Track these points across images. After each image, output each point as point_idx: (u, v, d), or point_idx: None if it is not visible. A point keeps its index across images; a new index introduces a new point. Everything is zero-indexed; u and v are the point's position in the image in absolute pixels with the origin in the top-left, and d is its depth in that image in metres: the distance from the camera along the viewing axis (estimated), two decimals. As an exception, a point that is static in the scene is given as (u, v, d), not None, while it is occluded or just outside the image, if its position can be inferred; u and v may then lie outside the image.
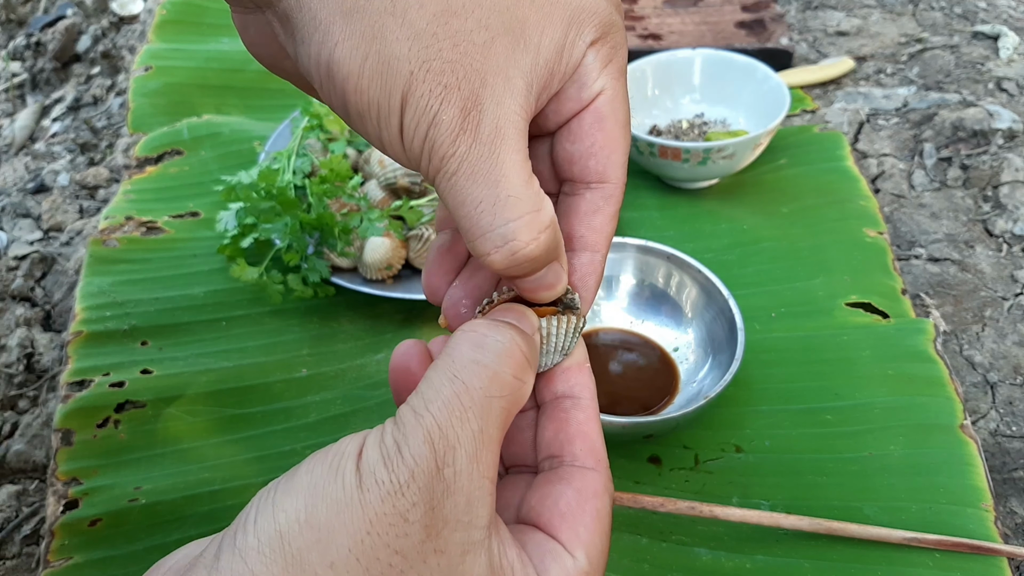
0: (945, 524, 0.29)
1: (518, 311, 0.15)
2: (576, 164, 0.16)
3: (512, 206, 0.14)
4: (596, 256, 0.16)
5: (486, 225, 0.14)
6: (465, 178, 0.13)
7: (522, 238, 0.14)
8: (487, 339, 0.13)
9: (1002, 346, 0.39)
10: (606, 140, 0.15)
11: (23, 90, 0.63)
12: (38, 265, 0.46)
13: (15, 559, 0.33)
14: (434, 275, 0.17)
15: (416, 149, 0.14)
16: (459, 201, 0.14)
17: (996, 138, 0.49)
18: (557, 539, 0.14)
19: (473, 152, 0.13)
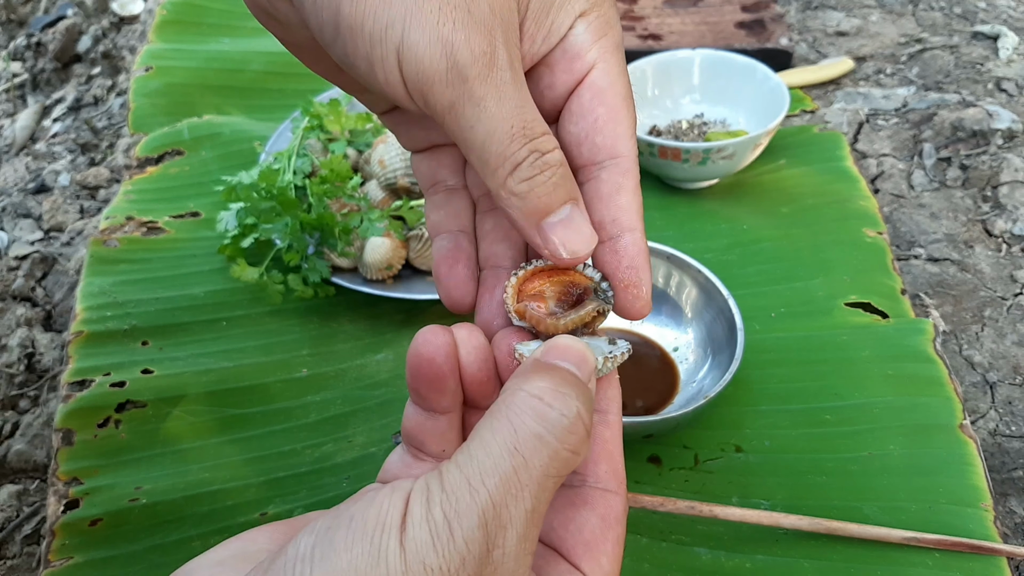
0: (945, 524, 0.29)
1: (578, 353, 0.14)
2: (584, 144, 0.15)
3: (535, 127, 0.14)
4: (635, 235, 0.15)
5: (518, 144, 0.13)
6: (496, 102, 0.13)
7: (542, 148, 0.13)
8: (551, 413, 0.12)
9: (1001, 346, 0.39)
10: (609, 114, 0.15)
11: (24, 90, 0.63)
12: (39, 265, 0.46)
13: (16, 559, 0.33)
14: (455, 288, 0.16)
15: (427, 71, 0.13)
16: (490, 128, 0.13)
17: (995, 138, 0.49)
18: (580, 569, 0.14)
19: (497, 77, 0.13)
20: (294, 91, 0.52)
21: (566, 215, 0.14)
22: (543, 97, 0.15)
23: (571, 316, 0.15)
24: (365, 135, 0.44)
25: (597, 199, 0.15)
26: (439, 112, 0.14)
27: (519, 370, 0.13)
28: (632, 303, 0.15)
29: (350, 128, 0.43)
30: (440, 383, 0.14)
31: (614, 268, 0.15)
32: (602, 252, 0.15)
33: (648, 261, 0.15)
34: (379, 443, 0.34)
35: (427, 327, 0.15)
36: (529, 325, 0.15)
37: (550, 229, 0.14)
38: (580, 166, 0.15)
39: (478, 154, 0.14)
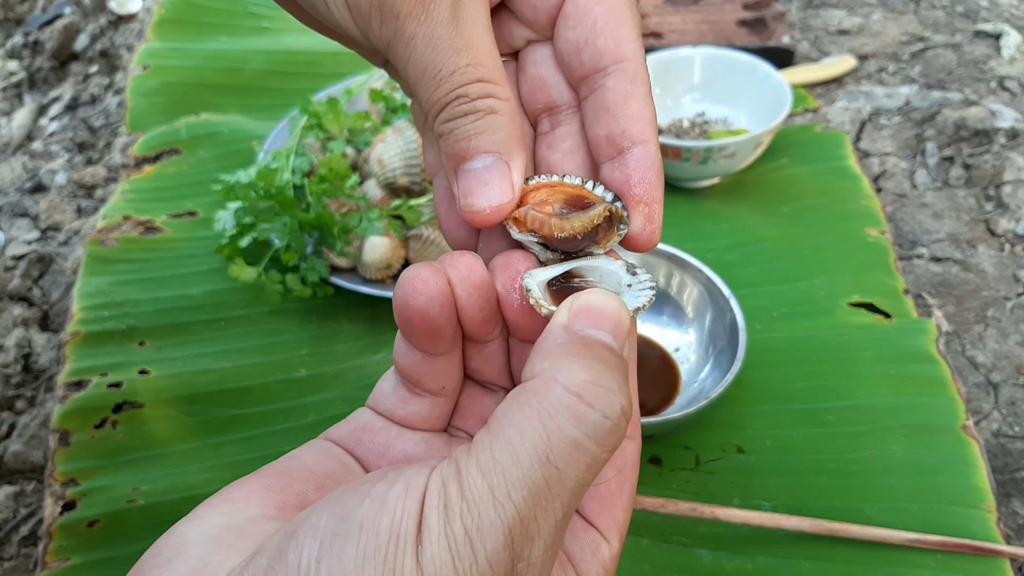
0: (947, 525, 0.29)
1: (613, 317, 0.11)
2: (585, 50, 0.13)
3: (470, 73, 0.12)
4: (648, 147, 0.13)
5: (445, 90, 0.12)
6: (425, 43, 0.12)
7: (472, 94, 0.12)
8: (592, 415, 0.10)
9: (1004, 346, 0.38)
10: (609, 13, 0.13)
11: (20, 89, 0.63)
12: (36, 265, 0.46)
13: (13, 560, 0.33)
14: (457, 227, 0.15)
15: (363, 8, 0.12)
16: (419, 71, 0.12)
17: (998, 137, 0.49)
18: (595, 526, 0.13)
19: (433, 14, 0.12)
20: (293, 90, 0.52)
21: (483, 165, 0.13)
22: (536, 8, 0.14)
23: (580, 218, 0.13)
24: (364, 134, 0.43)
25: (603, 110, 0.14)
26: (381, 50, 0.13)
27: (546, 344, 0.11)
28: (643, 223, 0.13)
29: (349, 127, 0.43)
30: (436, 335, 0.13)
31: (623, 183, 0.14)
32: (611, 168, 0.14)
33: (661, 178, 0.14)
34: (378, 444, 0.33)
35: (414, 267, 0.13)
36: (530, 235, 0.13)
37: (460, 175, 0.13)
38: (583, 76, 0.14)
39: (413, 96, 0.13)
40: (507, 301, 0.13)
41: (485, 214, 0.13)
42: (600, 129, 0.14)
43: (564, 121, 0.15)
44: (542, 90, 0.15)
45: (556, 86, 0.14)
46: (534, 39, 0.15)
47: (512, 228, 0.14)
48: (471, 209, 0.13)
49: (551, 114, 0.15)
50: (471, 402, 0.15)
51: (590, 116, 0.14)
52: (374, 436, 0.14)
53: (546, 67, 0.14)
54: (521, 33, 0.15)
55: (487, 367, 0.14)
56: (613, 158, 0.14)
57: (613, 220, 0.13)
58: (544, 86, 0.15)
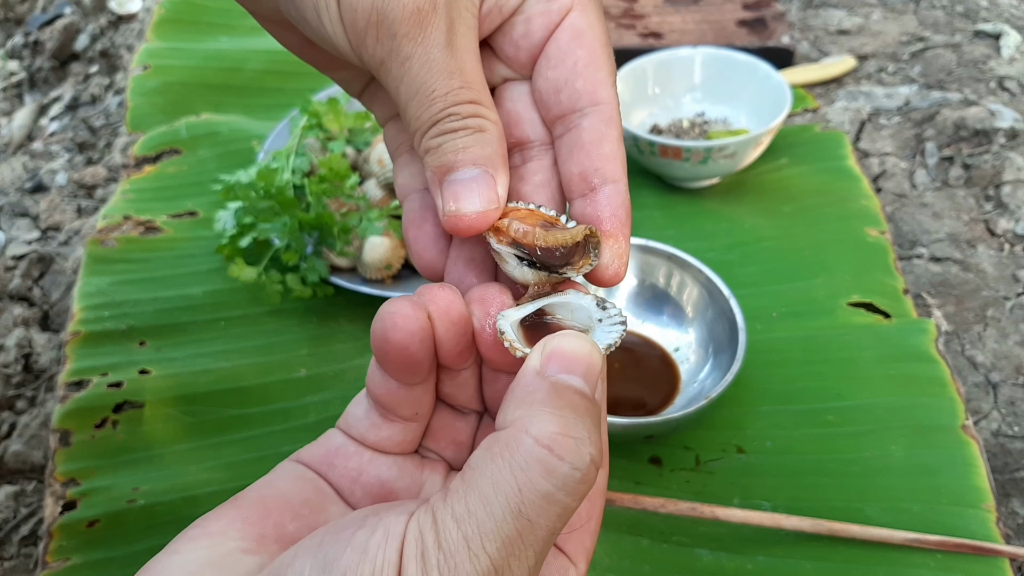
0: (947, 525, 0.29)
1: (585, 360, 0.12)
2: (564, 89, 0.14)
3: (463, 95, 0.13)
4: (619, 186, 0.14)
5: (437, 109, 0.13)
6: (420, 64, 0.12)
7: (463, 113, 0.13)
8: (562, 468, 0.11)
9: (1004, 346, 0.38)
10: (589, 57, 0.14)
11: (21, 89, 0.63)
12: (36, 265, 0.46)
13: (13, 560, 0.33)
14: (425, 250, 0.15)
15: (359, 25, 0.12)
16: (412, 91, 0.13)
17: (998, 137, 0.49)
18: (564, 551, 0.13)
19: (430, 37, 0.12)
20: (292, 90, 0.52)
21: (469, 176, 0.13)
22: (518, 48, 0.14)
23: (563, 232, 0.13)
24: (364, 134, 0.43)
25: (579, 148, 0.14)
26: (373, 68, 0.13)
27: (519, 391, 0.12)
28: (611, 259, 0.14)
29: (349, 127, 0.43)
30: (414, 367, 0.13)
31: (594, 219, 0.14)
32: (583, 205, 0.14)
33: (629, 215, 0.14)
34: (378, 444, 0.33)
35: (395, 302, 0.13)
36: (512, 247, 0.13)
37: (446, 185, 0.13)
38: (560, 115, 0.14)
39: (402, 114, 0.13)
40: (482, 337, 0.14)
41: (470, 219, 0.13)
42: (574, 166, 0.14)
43: (535, 157, 0.15)
44: (516, 125, 0.15)
45: (530, 122, 0.15)
46: (512, 78, 0.15)
47: (491, 238, 0.14)
48: (457, 214, 0.13)
49: (523, 149, 0.15)
50: (443, 425, 0.15)
51: (564, 153, 0.14)
52: (347, 461, 0.14)
53: (522, 104, 0.15)
54: (500, 71, 0.15)
55: (460, 392, 0.15)
56: (585, 195, 0.14)
57: (589, 245, 0.14)
58: (519, 121, 0.15)
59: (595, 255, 0.14)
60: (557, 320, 0.14)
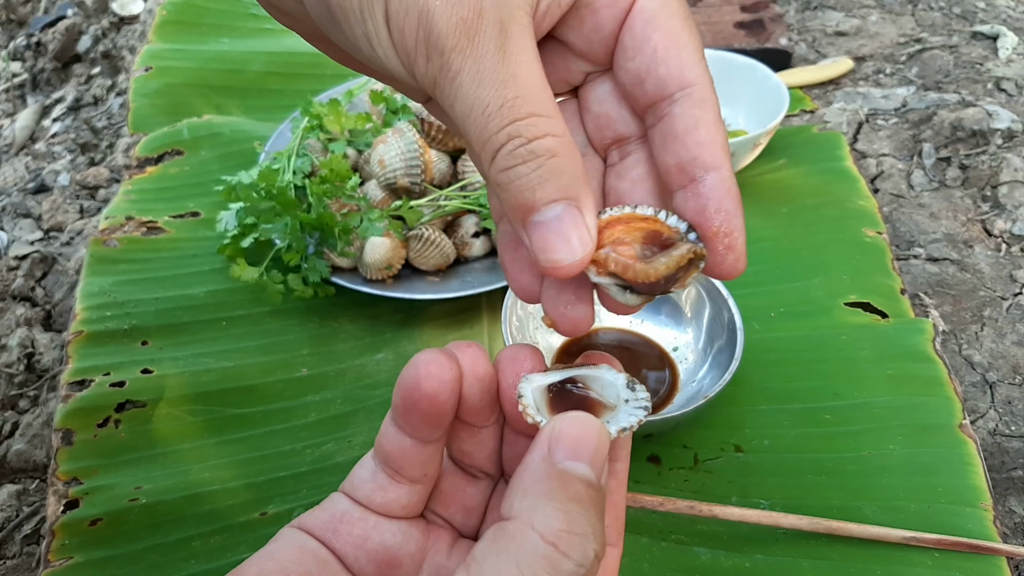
0: (944, 523, 0.29)
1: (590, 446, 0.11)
2: (647, 79, 0.13)
3: (519, 106, 0.12)
4: (721, 173, 0.13)
5: (494, 128, 0.12)
6: (471, 78, 0.12)
7: (527, 135, 0.12)
8: (566, 564, 0.11)
9: (1001, 346, 0.39)
10: (668, 39, 0.13)
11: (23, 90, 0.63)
12: (38, 265, 0.46)
13: (15, 559, 0.33)
14: (520, 273, 0.14)
15: (409, 45, 0.12)
16: (467, 107, 0.12)
17: (995, 138, 0.49)
18: None
19: (478, 47, 0.12)
20: (294, 91, 0.52)
21: (554, 215, 0.12)
22: (591, 41, 0.13)
23: (663, 259, 0.13)
24: (365, 135, 0.44)
25: (672, 138, 0.13)
26: (428, 90, 0.12)
27: (525, 480, 0.11)
28: (724, 255, 0.13)
29: (350, 128, 0.43)
30: (440, 419, 0.13)
31: (699, 214, 0.13)
32: (684, 197, 0.13)
33: (739, 204, 0.13)
34: (379, 443, 0.34)
35: (428, 352, 0.13)
36: (611, 278, 0.13)
37: (533, 227, 0.12)
38: (647, 105, 0.13)
39: (463, 136, 0.12)
40: (507, 395, 0.14)
41: (566, 268, 0.13)
42: (670, 157, 0.13)
43: (632, 151, 0.14)
44: (608, 126, 0.14)
45: (622, 120, 0.14)
46: (592, 71, 0.14)
47: (592, 272, 0.13)
48: (553, 265, 0.13)
49: (620, 145, 0.14)
50: (453, 489, 0.15)
51: (658, 144, 0.13)
52: (351, 527, 0.14)
53: (609, 103, 0.14)
54: (578, 67, 0.14)
55: (478, 450, 0.15)
56: (685, 187, 0.13)
57: (695, 260, 0.13)
58: (610, 122, 0.14)
59: (701, 263, 0.13)
60: (586, 391, 0.13)
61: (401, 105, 0.44)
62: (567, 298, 0.14)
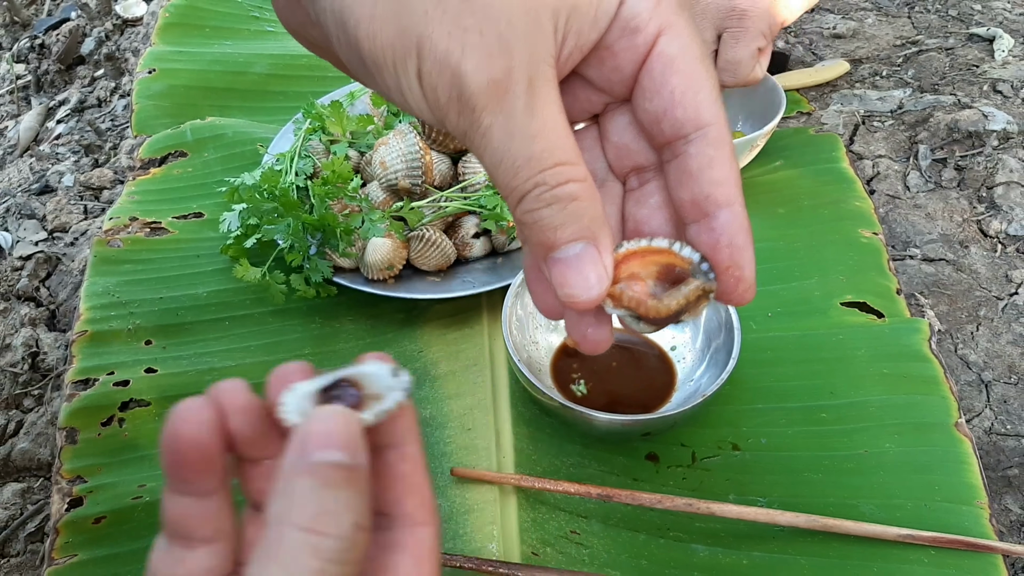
0: (940, 521, 0.29)
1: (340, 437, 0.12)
2: (664, 120, 0.14)
3: (546, 158, 0.13)
4: (733, 209, 0.14)
5: (523, 178, 0.13)
6: (500, 134, 0.12)
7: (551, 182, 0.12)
8: (327, 543, 0.11)
9: (996, 345, 0.39)
10: (685, 83, 0.13)
11: (28, 92, 0.64)
12: (43, 265, 0.47)
13: (19, 556, 0.34)
14: (545, 293, 0.15)
15: (442, 101, 0.12)
16: (496, 160, 0.13)
17: (991, 139, 0.49)
18: None
19: (507, 105, 0.12)
20: (296, 93, 0.52)
21: (573, 253, 0.13)
22: (611, 81, 0.14)
23: (675, 296, 0.14)
24: (367, 137, 0.44)
25: (686, 176, 0.14)
26: (458, 137, 0.13)
27: (279, 483, 0.12)
28: (734, 286, 0.14)
29: (352, 130, 0.44)
30: (210, 464, 0.13)
31: (712, 248, 0.14)
32: (698, 231, 0.14)
33: (750, 239, 0.14)
34: (380, 441, 0.34)
35: (182, 403, 0.13)
36: (626, 311, 0.14)
37: (553, 264, 0.13)
38: (663, 144, 0.14)
39: (492, 180, 0.13)
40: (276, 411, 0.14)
41: (583, 302, 0.13)
42: (684, 193, 0.14)
43: (651, 179, 0.15)
44: (627, 156, 0.15)
45: (640, 151, 0.15)
46: (612, 102, 0.15)
47: (608, 305, 0.14)
48: (571, 300, 0.13)
49: (639, 173, 0.15)
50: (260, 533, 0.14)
51: (674, 180, 0.14)
52: None
53: (628, 135, 0.15)
54: (599, 98, 0.15)
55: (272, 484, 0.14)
56: (699, 221, 0.14)
57: (704, 295, 0.14)
58: (629, 152, 0.15)
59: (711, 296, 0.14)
60: (357, 389, 0.13)
61: (402, 107, 0.44)
62: (588, 321, 0.15)
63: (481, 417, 0.34)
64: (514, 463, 0.32)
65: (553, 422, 0.34)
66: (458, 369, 0.36)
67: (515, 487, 0.31)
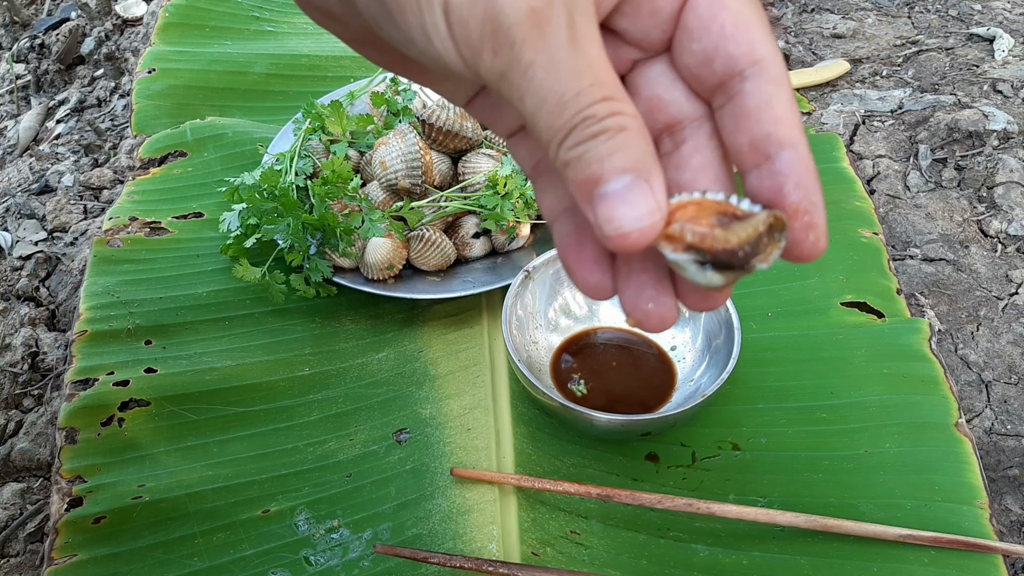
0: (940, 521, 0.29)
1: None
2: (716, 58, 0.12)
3: (594, 92, 0.11)
4: (798, 150, 0.12)
5: (571, 113, 0.11)
6: (545, 69, 0.11)
7: (600, 113, 0.11)
8: None
9: (996, 345, 0.39)
10: (736, 17, 0.12)
11: (27, 92, 0.63)
12: (43, 265, 0.47)
13: (19, 556, 0.34)
14: (589, 272, 0.13)
15: (473, 38, 0.11)
16: (539, 98, 0.11)
17: (991, 139, 0.49)
18: None
19: (550, 37, 0.11)
20: (296, 93, 0.52)
21: (622, 185, 0.12)
22: (647, 28, 0.13)
23: (743, 226, 0.12)
24: (366, 137, 0.44)
25: (744, 116, 0.12)
26: (492, 83, 0.12)
27: None
28: (804, 234, 0.12)
29: (351, 130, 0.44)
30: None
31: (776, 192, 0.12)
32: (759, 177, 0.12)
33: (818, 182, 0.12)
34: (380, 441, 0.34)
35: None
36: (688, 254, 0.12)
37: (599, 200, 0.12)
38: (715, 85, 0.13)
39: (531, 127, 0.12)
40: None
41: (635, 236, 0.12)
42: (742, 136, 0.12)
43: (689, 137, 0.14)
44: (660, 109, 0.14)
45: (675, 102, 0.13)
46: (640, 58, 0.14)
47: (665, 248, 0.12)
48: (619, 232, 0.12)
49: (672, 132, 0.14)
50: None
51: (729, 124, 0.13)
52: None
53: (661, 85, 0.13)
54: (627, 55, 0.14)
55: None
56: (759, 166, 0.12)
57: (775, 228, 0.12)
58: (661, 105, 0.14)
59: (782, 236, 0.12)
60: None
61: (402, 107, 0.44)
62: (648, 294, 0.13)
63: (481, 417, 0.34)
64: (514, 463, 0.32)
65: (553, 422, 0.34)
66: (458, 369, 0.36)
67: (515, 487, 0.31)
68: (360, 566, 0.29)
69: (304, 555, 0.30)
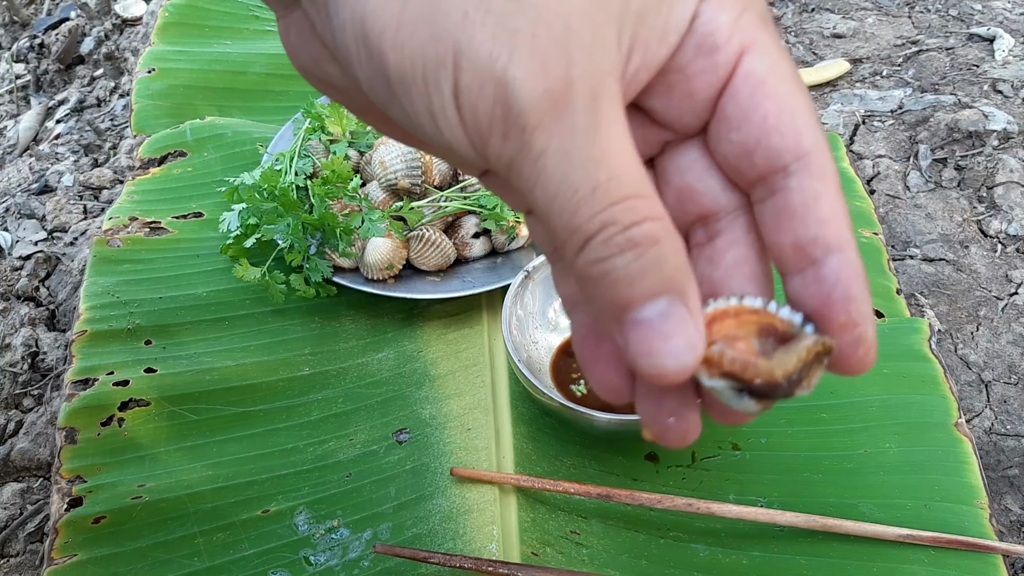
0: (940, 521, 0.29)
1: None
2: (757, 151, 0.11)
3: (614, 189, 0.10)
4: (847, 255, 0.11)
5: (586, 215, 0.10)
6: (557, 159, 0.10)
7: (623, 220, 0.10)
8: None
9: (996, 345, 0.39)
10: (780, 106, 0.11)
11: (27, 92, 0.63)
12: (42, 265, 0.47)
13: (19, 556, 0.34)
14: (606, 372, 0.12)
15: (483, 123, 0.10)
16: (551, 192, 0.10)
17: (991, 139, 0.49)
18: None
19: (566, 123, 0.10)
20: (296, 93, 0.52)
21: (657, 313, 0.10)
22: (680, 111, 0.11)
23: (791, 354, 0.10)
24: (366, 136, 0.44)
25: (788, 215, 0.11)
26: (502, 172, 0.10)
27: None
28: (853, 349, 0.11)
29: (351, 130, 0.44)
30: None
31: (823, 302, 0.11)
32: (803, 283, 0.11)
33: (867, 289, 0.11)
34: (380, 441, 0.34)
35: None
36: (726, 380, 0.11)
37: (631, 328, 0.10)
38: (755, 179, 0.11)
39: (545, 222, 0.10)
40: None
41: (674, 373, 0.10)
42: (785, 236, 0.11)
43: (724, 230, 0.12)
44: (692, 200, 0.12)
45: (709, 192, 0.12)
46: (672, 140, 0.12)
47: (702, 374, 0.11)
48: (658, 372, 0.10)
49: (706, 224, 0.12)
50: None
51: (770, 222, 0.11)
52: None
53: (692, 174, 0.12)
54: (658, 136, 0.12)
55: None
56: (803, 270, 0.11)
57: (822, 354, 0.11)
58: (694, 196, 0.12)
59: (827, 357, 0.11)
60: None
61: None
62: (670, 406, 0.12)
63: (481, 417, 0.34)
64: (514, 463, 0.32)
65: (553, 422, 0.34)
66: (458, 369, 0.36)
67: (515, 487, 0.31)
68: (360, 566, 0.29)
69: (304, 555, 0.30)
